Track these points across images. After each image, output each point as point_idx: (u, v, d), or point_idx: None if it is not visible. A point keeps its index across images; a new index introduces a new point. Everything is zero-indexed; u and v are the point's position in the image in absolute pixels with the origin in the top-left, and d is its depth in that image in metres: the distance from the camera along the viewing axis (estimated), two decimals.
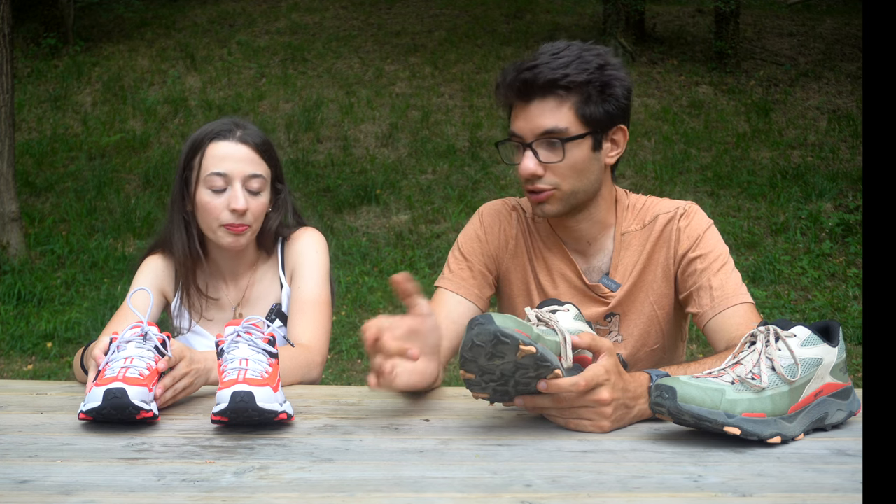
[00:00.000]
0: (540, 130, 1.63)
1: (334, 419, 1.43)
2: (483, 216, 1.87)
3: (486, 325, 1.24)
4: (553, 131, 1.62)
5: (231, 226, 1.83)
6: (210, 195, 1.83)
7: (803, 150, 8.38)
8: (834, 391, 1.36)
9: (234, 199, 1.82)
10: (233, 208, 1.81)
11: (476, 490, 1.09)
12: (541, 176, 1.65)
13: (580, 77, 1.61)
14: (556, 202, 1.67)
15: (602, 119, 1.65)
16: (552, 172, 1.65)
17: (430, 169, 8.06)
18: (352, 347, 5.25)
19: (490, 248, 1.83)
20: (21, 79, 9.42)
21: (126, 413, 1.31)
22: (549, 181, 1.65)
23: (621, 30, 10.11)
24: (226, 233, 1.84)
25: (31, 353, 5.26)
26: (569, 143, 1.62)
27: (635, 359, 1.79)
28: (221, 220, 1.83)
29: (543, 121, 1.62)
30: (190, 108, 9.04)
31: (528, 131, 1.64)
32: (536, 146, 1.64)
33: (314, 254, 1.95)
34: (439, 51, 10.38)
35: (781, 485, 1.11)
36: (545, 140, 1.63)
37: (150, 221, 7.02)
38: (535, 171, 1.64)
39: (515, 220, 1.85)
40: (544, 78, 1.60)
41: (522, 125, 1.64)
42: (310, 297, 1.90)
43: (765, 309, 5.72)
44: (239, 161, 1.84)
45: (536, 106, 1.63)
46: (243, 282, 1.98)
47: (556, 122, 1.62)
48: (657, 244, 1.77)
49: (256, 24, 11.21)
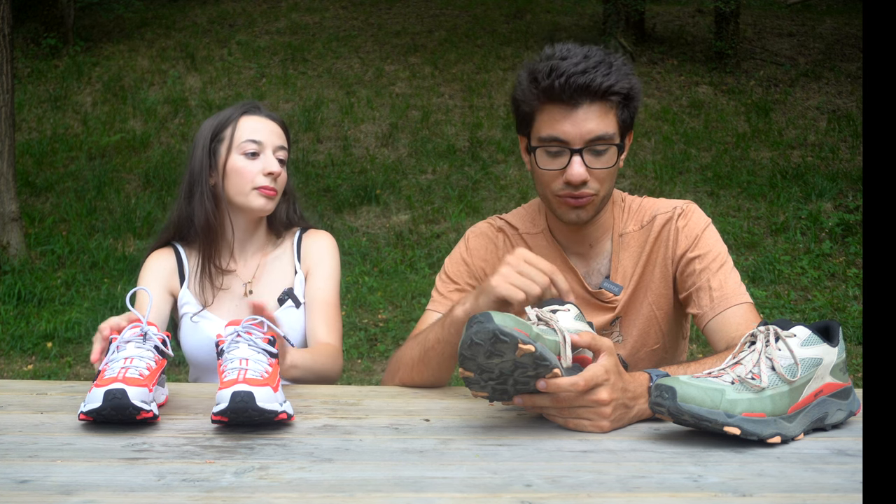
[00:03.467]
0: (590, 136, 1.61)
1: (334, 419, 1.43)
2: (468, 240, 1.87)
3: (485, 324, 1.24)
4: (603, 137, 1.61)
5: (264, 188, 1.94)
6: (244, 161, 1.94)
7: (803, 150, 8.39)
8: (834, 391, 1.36)
9: (270, 163, 1.94)
10: (268, 171, 1.93)
11: (476, 490, 1.09)
12: (587, 182, 1.64)
13: (626, 85, 1.61)
14: (592, 207, 1.68)
15: (629, 125, 1.67)
16: (595, 178, 1.65)
17: (430, 169, 8.06)
18: (352, 347, 5.25)
19: (476, 271, 1.83)
20: (21, 79, 9.43)
21: (126, 413, 1.31)
22: (592, 187, 1.65)
23: (621, 30, 10.11)
24: (258, 195, 1.94)
25: (31, 353, 5.26)
26: (608, 149, 1.63)
27: (635, 359, 1.79)
28: (256, 182, 1.94)
29: (593, 126, 1.60)
30: (190, 108, 9.04)
31: (576, 137, 1.60)
32: (584, 152, 1.62)
33: (333, 258, 2.06)
34: (439, 51, 10.38)
35: (781, 485, 1.11)
36: (592, 147, 1.62)
37: (150, 221, 7.02)
38: (586, 177, 1.62)
39: (502, 240, 1.85)
40: (601, 85, 1.58)
41: (569, 130, 1.60)
42: (329, 299, 2.01)
43: (765, 309, 5.72)
44: (270, 132, 1.97)
45: (585, 111, 1.60)
46: (253, 262, 2.04)
47: (606, 128, 1.61)
48: (655, 244, 1.77)
49: (256, 24, 11.21)
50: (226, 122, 1.98)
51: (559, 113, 1.61)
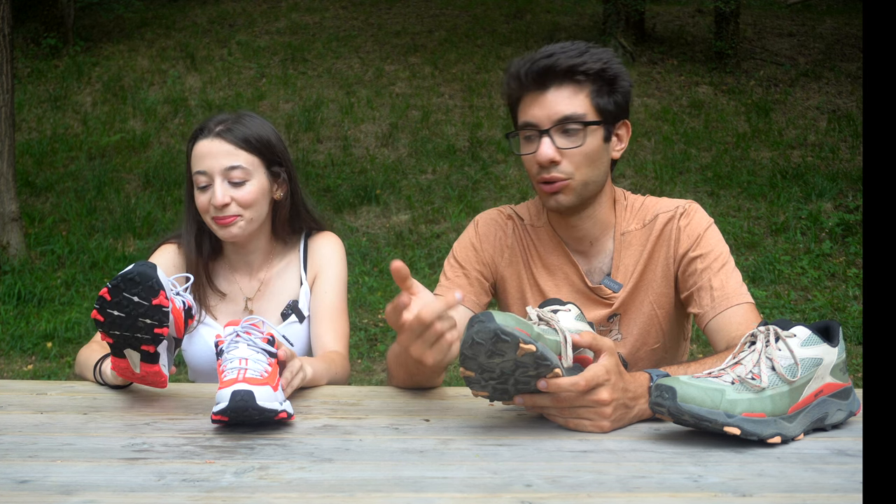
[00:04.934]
0: (558, 116, 1.63)
1: (334, 419, 1.43)
2: (478, 225, 1.87)
3: (487, 323, 1.24)
4: (572, 117, 1.63)
5: (217, 219, 1.88)
6: (198, 193, 1.89)
7: (803, 150, 8.38)
8: (834, 391, 1.36)
9: (213, 195, 1.86)
10: (212, 203, 1.86)
11: (476, 490, 1.09)
12: (557, 163, 1.65)
13: (596, 66, 1.63)
14: (570, 193, 1.67)
15: (612, 111, 1.67)
16: (568, 160, 1.65)
17: (430, 169, 8.06)
18: (352, 347, 5.24)
19: (485, 257, 1.84)
20: (21, 79, 9.42)
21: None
22: (564, 170, 1.65)
23: (621, 30, 10.10)
24: (217, 226, 1.89)
25: (31, 353, 5.26)
26: (580, 130, 1.63)
27: (635, 358, 1.79)
28: (211, 214, 1.88)
29: (561, 107, 1.63)
30: (190, 108, 9.04)
31: (544, 118, 1.64)
32: (553, 133, 1.64)
33: (339, 263, 2.01)
34: (439, 51, 10.38)
35: (781, 485, 1.11)
36: (562, 127, 1.64)
37: (150, 221, 7.02)
38: (553, 156, 1.63)
39: (511, 228, 1.85)
40: (563, 65, 1.62)
41: (538, 112, 1.64)
42: (336, 304, 1.96)
43: (765, 309, 5.72)
44: (216, 156, 1.86)
45: (553, 93, 1.63)
46: (259, 275, 2.01)
47: (575, 108, 1.63)
48: (657, 243, 1.77)
49: (256, 24, 11.21)
50: (187, 149, 1.93)
51: (531, 98, 1.66)
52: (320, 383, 1.68)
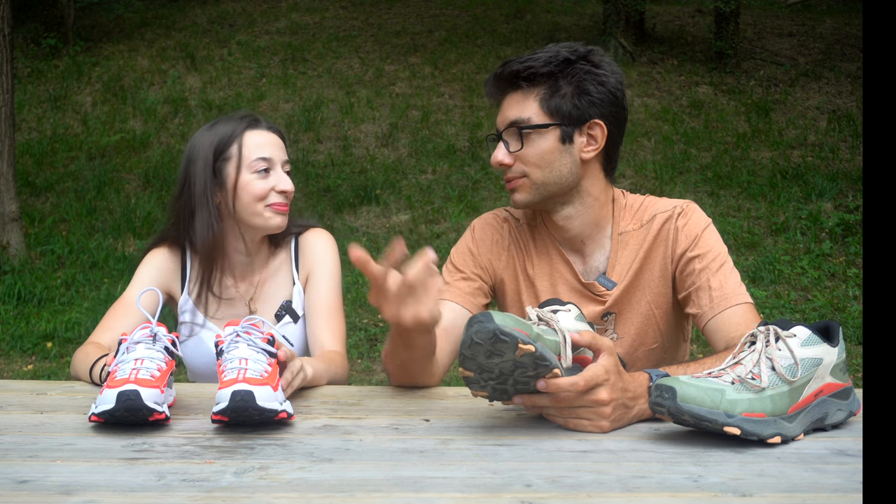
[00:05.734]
0: (506, 122, 1.72)
1: (334, 419, 1.43)
2: (475, 230, 1.90)
3: (485, 323, 1.24)
4: (517, 122, 1.70)
5: (277, 205, 1.89)
6: (255, 178, 1.88)
7: (803, 150, 8.38)
8: (834, 391, 1.36)
9: (282, 181, 1.89)
10: (281, 189, 1.89)
11: (476, 490, 1.09)
12: (510, 165, 1.72)
13: (543, 69, 1.68)
14: (526, 191, 1.73)
15: (570, 112, 1.69)
16: (520, 161, 1.71)
17: (430, 169, 8.06)
18: (352, 347, 5.24)
19: (482, 261, 1.85)
20: (21, 79, 9.42)
21: (139, 415, 1.31)
22: (516, 170, 1.72)
23: (621, 30, 10.11)
24: (273, 213, 1.90)
25: (31, 353, 5.26)
26: (528, 133, 1.69)
27: (633, 358, 1.79)
28: (269, 200, 1.89)
29: (510, 112, 1.72)
30: (190, 108, 9.04)
31: (500, 123, 1.75)
32: (506, 136, 1.72)
33: (331, 259, 2.00)
34: (439, 51, 10.38)
35: (781, 485, 1.11)
36: (513, 130, 1.71)
37: (150, 221, 7.02)
38: (501, 160, 1.72)
39: (507, 230, 1.86)
40: (509, 70, 1.70)
41: (498, 118, 1.76)
42: (331, 303, 1.95)
43: (765, 309, 5.72)
44: (276, 147, 1.92)
45: (507, 100, 1.74)
46: (255, 277, 1.99)
47: (520, 112, 1.70)
48: (654, 243, 1.77)
49: (256, 24, 11.21)
50: (229, 138, 1.89)
51: (496, 109, 1.77)
52: (320, 383, 1.68)
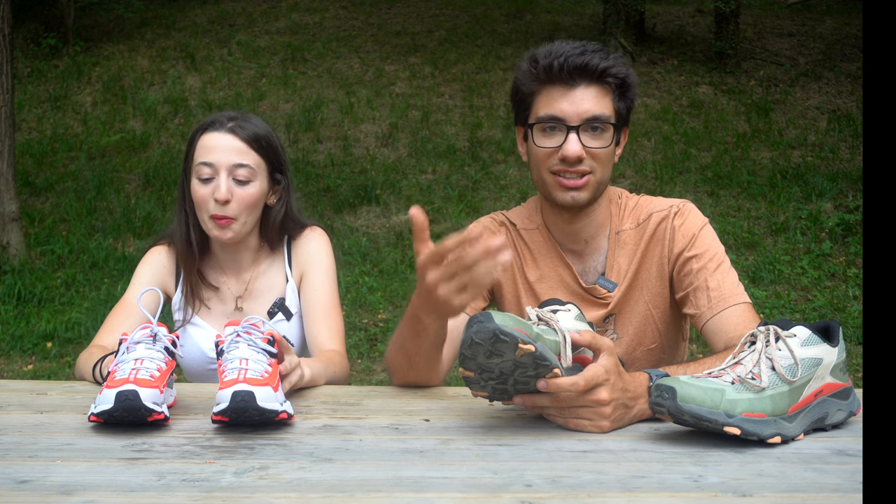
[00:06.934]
0: (587, 115, 1.66)
1: (334, 419, 1.43)
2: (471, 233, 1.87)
3: (485, 323, 1.24)
4: (600, 117, 1.66)
5: (216, 217, 1.84)
6: (198, 185, 1.85)
7: (803, 150, 8.39)
8: (834, 391, 1.36)
9: (217, 189, 1.82)
10: (215, 197, 1.82)
11: (476, 490, 1.09)
12: (582, 160, 1.67)
13: (622, 71, 1.67)
14: (589, 189, 1.70)
15: (624, 116, 1.72)
16: (591, 158, 1.68)
17: (430, 169, 8.06)
18: (352, 347, 5.24)
19: None
20: (21, 79, 9.42)
21: (138, 415, 1.31)
22: (588, 165, 1.68)
23: (621, 30, 10.10)
24: (213, 225, 1.86)
25: (31, 353, 5.26)
26: (603, 131, 1.67)
27: (632, 358, 1.79)
28: (209, 210, 1.84)
29: (590, 106, 1.66)
30: (190, 108, 9.04)
31: (573, 115, 1.66)
32: (581, 130, 1.66)
33: (325, 257, 1.97)
34: (439, 51, 10.38)
35: (781, 485, 1.11)
36: (589, 125, 1.66)
37: (150, 221, 7.02)
38: (581, 153, 1.66)
39: (505, 235, 1.85)
40: (598, 66, 1.65)
41: (566, 108, 1.66)
42: (328, 301, 1.92)
43: (765, 309, 5.72)
44: (226, 151, 1.84)
45: (582, 91, 1.66)
46: (246, 275, 1.98)
47: (602, 109, 1.67)
48: (651, 243, 1.77)
49: (256, 24, 11.21)
50: (191, 139, 1.88)
51: (557, 92, 1.66)
52: (319, 383, 1.68)
